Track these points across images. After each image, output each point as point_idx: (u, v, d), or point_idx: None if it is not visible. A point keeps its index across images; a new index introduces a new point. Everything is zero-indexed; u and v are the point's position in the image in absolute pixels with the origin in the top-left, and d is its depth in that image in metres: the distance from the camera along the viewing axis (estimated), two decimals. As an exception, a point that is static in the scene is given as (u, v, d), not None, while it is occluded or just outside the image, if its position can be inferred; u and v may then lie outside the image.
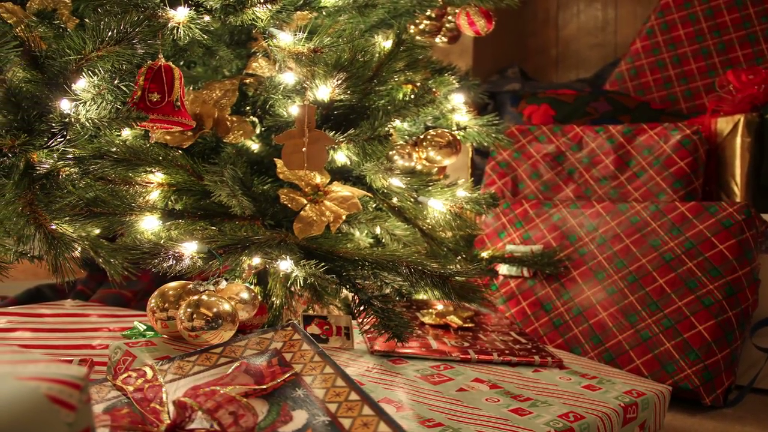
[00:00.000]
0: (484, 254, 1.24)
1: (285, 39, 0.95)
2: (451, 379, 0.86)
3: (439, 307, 1.14)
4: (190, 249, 0.86)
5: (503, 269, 1.27)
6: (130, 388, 0.64)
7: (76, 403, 0.42)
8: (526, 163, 1.44)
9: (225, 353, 0.70)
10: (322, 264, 0.85)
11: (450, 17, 1.44)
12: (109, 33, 0.83)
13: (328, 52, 0.94)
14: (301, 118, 0.94)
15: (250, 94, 1.16)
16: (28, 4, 1.01)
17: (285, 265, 0.87)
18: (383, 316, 0.88)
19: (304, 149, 0.92)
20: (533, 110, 1.59)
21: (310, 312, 1.04)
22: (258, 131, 1.13)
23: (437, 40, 1.54)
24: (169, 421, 0.58)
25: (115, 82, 0.84)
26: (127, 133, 1.05)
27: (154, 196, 1.02)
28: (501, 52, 2.18)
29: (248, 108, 1.18)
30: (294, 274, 0.86)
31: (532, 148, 1.44)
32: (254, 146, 1.14)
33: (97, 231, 0.94)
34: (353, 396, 0.59)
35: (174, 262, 0.81)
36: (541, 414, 0.78)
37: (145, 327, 1.03)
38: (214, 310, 0.79)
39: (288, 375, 0.63)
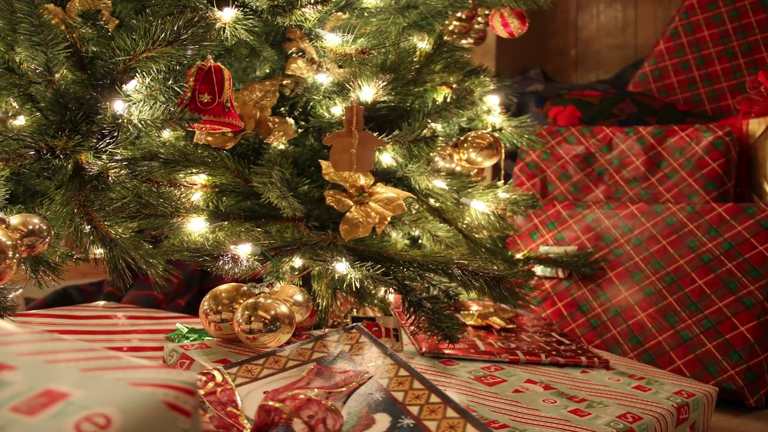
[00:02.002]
0: (519, 255, 1.24)
1: (332, 40, 0.95)
2: (505, 381, 0.86)
3: (474, 307, 1.14)
4: (243, 251, 0.85)
5: (538, 270, 1.27)
6: (202, 392, 0.64)
7: (191, 409, 0.42)
8: (555, 165, 1.44)
9: (293, 356, 0.69)
10: (378, 266, 0.85)
11: (479, 18, 1.44)
12: (162, 34, 0.83)
13: (376, 54, 0.93)
14: (349, 119, 0.94)
15: (287, 94, 1.16)
16: (68, 5, 1.01)
17: (341, 267, 0.87)
18: (434, 318, 0.88)
19: (353, 150, 0.92)
20: (559, 111, 1.59)
21: (354, 313, 1.03)
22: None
23: (463, 41, 1.54)
24: (250, 425, 0.58)
25: (169, 83, 0.84)
26: (166, 134, 1.04)
27: (196, 197, 1.02)
28: (521, 53, 2.19)
29: (283, 109, 1.17)
30: (349, 276, 0.85)
31: (561, 149, 1.44)
32: (280, 147, 1.13)
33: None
34: (434, 398, 0.59)
35: (232, 264, 0.80)
36: (600, 415, 0.78)
37: (187, 329, 1.02)
38: (272, 312, 0.79)
39: (364, 378, 0.63)
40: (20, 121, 1.10)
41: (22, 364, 0.44)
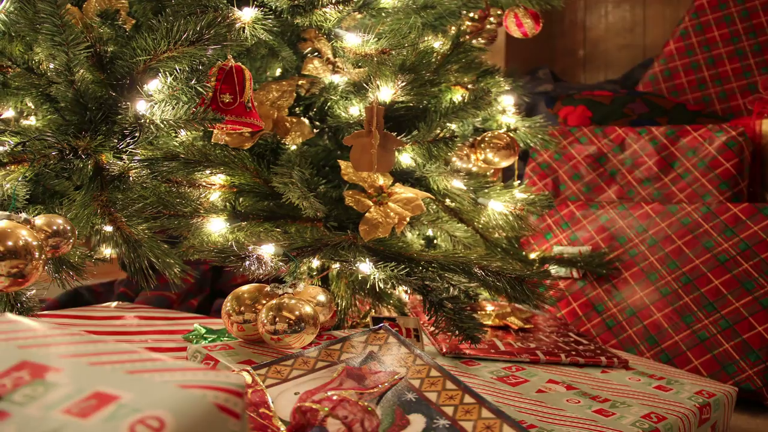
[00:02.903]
0: (533, 255, 1.24)
1: (352, 40, 0.95)
2: (527, 381, 0.86)
3: (490, 308, 1.14)
4: (265, 251, 0.85)
5: (552, 270, 1.27)
6: (232, 393, 0.64)
7: (241, 412, 0.41)
8: (567, 165, 1.44)
9: (321, 357, 0.69)
10: (402, 266, 0.85)
11: (491, 19, 1.44)
12: (184, 34, 0.82)
13: (395, 54, 0.93)
14: (369, 119, 0.94)
15: (302, 94, 1.16)
16: (85, 5, 1.01)
17: (365, 267, 0.86)
18: (455, 318, 0.88)
19: (373, 151, 0.92)
20: (569, 111, 1.59)
21: (373, 314, 1.03)
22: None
23: (474, 42, 1.54)
24: (284, 427, 0.58)
25: (192, 82, 0.83)
26: (183, 134, 1.04)
27: (214, 197, 1.02)
28: (529, 53, 2.19)
29: (298, 109, 1.17)
30: (373, 276, 0.85)
31: (573, 149, 1.45)
32: (293, 147, 1.13)
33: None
34: (468, 399, 0.59)
35: (257, 265, 0.80)
36: (624, 415, 0.78)
37: (205, 329, 1.02)
38: (297, 313, 0.78)
39: (396, 378, 0.63)
40: (31, 121, 1.09)
41: (67, 366, 0.44)
